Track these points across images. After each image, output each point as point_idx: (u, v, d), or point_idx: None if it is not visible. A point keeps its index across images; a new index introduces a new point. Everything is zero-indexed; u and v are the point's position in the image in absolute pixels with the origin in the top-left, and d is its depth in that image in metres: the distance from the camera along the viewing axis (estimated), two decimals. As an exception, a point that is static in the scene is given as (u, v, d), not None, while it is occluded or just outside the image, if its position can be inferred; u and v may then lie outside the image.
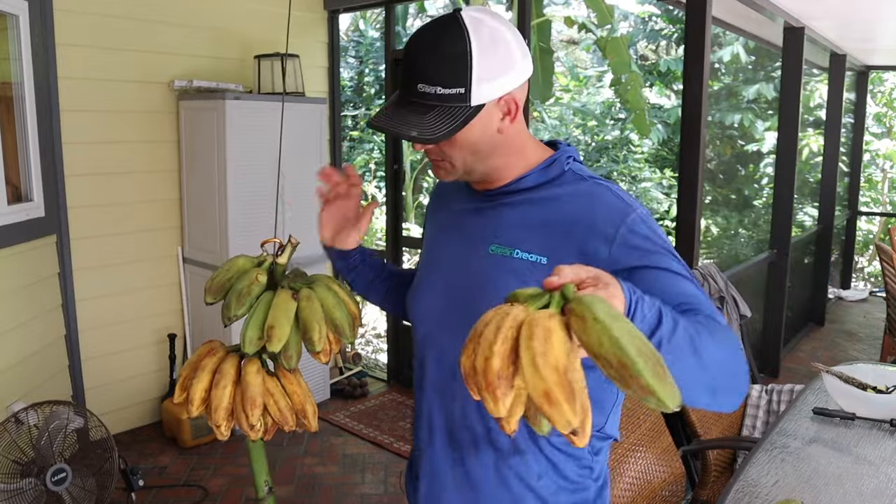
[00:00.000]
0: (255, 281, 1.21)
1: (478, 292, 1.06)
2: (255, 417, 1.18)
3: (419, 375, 1.17)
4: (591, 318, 0.65)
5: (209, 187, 3.39)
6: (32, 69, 2.82)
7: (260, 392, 1.18)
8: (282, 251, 1.24)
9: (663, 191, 8.73)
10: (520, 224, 1.05)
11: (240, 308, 1.20)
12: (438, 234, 1.19)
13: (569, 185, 1.05)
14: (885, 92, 8.30)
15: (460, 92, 0.95)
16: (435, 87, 0.95)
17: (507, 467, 1.07)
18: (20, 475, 2.23)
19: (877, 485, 1.55)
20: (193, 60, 3.55)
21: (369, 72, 8.41)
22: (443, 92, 0.95)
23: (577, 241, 0.99)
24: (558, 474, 1.07)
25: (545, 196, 1.05)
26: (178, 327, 3.65)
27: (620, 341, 0.63)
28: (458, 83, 0.95)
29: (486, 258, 1.06)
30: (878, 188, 8.30)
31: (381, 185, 7.97)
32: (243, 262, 1.26)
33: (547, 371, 0.64)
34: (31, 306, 2.90)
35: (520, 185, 1.06)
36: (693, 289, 0.95)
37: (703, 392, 0.86)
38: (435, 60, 0.95)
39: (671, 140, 8.50)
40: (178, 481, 3.01)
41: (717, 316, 0.94)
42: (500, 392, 0.65)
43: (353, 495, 2.93)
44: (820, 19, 4.17)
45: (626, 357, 0.62)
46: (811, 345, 5.09)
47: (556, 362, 0.64)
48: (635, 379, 0.62)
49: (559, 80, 8.74)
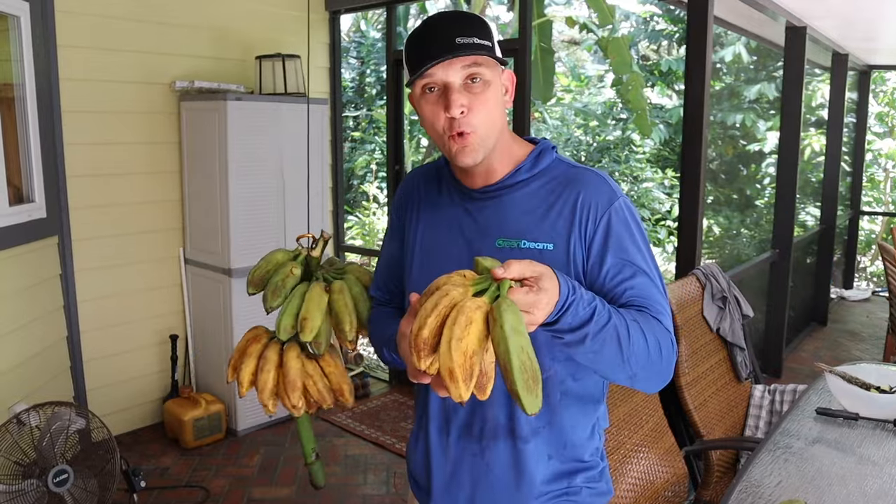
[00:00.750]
0: (289, 274, 1.31)
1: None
2: (295, 398, 1.29)
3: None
4: (499, 326, 0.81)
5: (211, 188, 3.39)
6: (34, 70, 2.82)
7: (299, 375, 1.28)
8: (315, 245, 1.34)
9: (665, 191, 8.73)
10: (522, 215, 1.11)
11: (275, 300, 1.30)
12: (427, 237, 1.21)
13: (561, 174, 1.12)
14: (888, 91, 8.29)
15: (489, 45, 1.06)
16: (472, 38, 1.04)
17: (515, 454, 1.13)
18: (22, 476, 2.23)
19: (881, 485, 1.54)
20: (195, 61, 3.55)
21: (370, 72, 8.42)
22: (479, 42, 1.04)
23: (578, 224, 1.07)
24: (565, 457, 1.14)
25: (541, 187, 1.12)
26: (180, 328, 3.65)
27: (510, 353, 0.80)
28: (488, 37, 1.06)
29: (494, 252, 1.09)
30: (880, 188, 8.28)
31: (383, 185, 7.98)
32: (281, 256, 1.36)
33: (456, 354, 0.82)
34: (33, 307, 2.91)
35: (515, 178, 1.13)
36: (648, 287, 1.06)
37: (623, 377, 1.01)
38: (465, 19, 1.07)
39: (673, 140, 8.50)
40: (180, 482, 3.01)
41: (662, 316, 1.05)
42: (422, 354, 0.86)
43: (355, 496, 2.93)
44: (822, 19, 4.16)
45: (510, 366, 0.80)
46: (814, 345, 5.08)
47: (466, 348, 0.82)
48: (510, 383, 0.81)
49: (560, 81, 8.74)
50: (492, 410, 1.13)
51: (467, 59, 1.04)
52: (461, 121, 1.05)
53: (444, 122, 1.06)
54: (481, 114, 1.06)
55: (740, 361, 2.54)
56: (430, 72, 1.04)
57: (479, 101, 1.06)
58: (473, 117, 1.06)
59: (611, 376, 1.03)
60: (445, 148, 1.09)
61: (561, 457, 1.14)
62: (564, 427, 1.13)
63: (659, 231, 8.55)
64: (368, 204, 7.91)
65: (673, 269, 3.38)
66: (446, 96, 1.05)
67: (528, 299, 0.87)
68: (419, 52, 1.05)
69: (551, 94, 5.93)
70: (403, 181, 1.30)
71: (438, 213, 1.20)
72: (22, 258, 2.80)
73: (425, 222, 1.22)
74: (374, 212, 7.79)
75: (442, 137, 1.08)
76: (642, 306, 1.04)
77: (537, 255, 1.06)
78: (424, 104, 1.08)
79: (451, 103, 1.04)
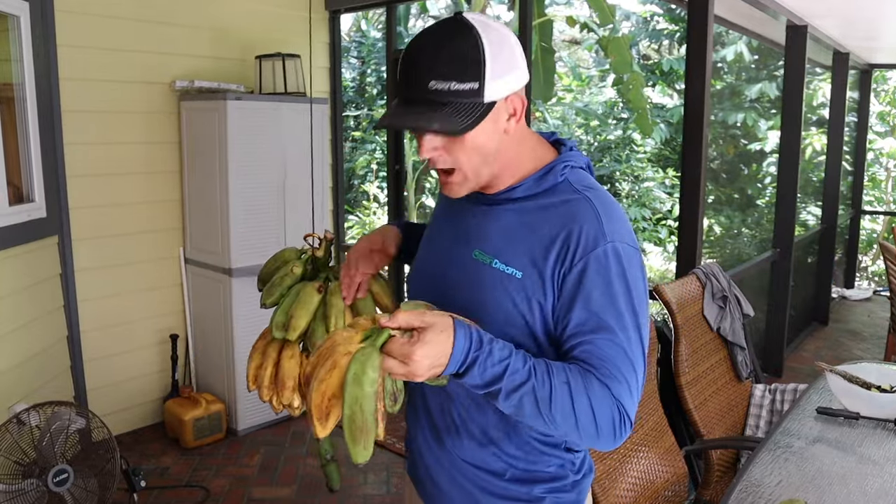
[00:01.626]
0: (289, 272, 1.32)
1: (457, 292, 1.09)
2: (286, 398, 1.29)
3: None
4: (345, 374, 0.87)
5: (211, 188, 3.38)
6: (33, 70, 2.82)
7: (291, 375, 1.28)
8: (320, 245, 1.34)
9: (666, 190, 8.72)
10: (504, 234, 1.05)
11: (269, 297, 1.32)
12: (435, 227, 1.21)
13: (560, 199, 1.04)
14: (889, 90, 8.28)
15: (474, 88, 0.95)
16: (449, 82, 0.94)
17: (484, 452, 1.12)
18: (22, 476, 2.23)
19: (881, 484, 1.54)
20: (195, 61, 3.55)
21: (371, 72, 8.42)
22: (457, 87, 0.95)
23: (556, 260, 0.99)
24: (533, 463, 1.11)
25: (536, 209, 1.04)
26: (180, 328, 3.65)
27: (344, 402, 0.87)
28: (472, 78, 0.95)
29: (469, 262, 1.08)
30: (881, 187, 8.28)
31: (383, 185, 7.98)
32: (289, 254, 1.37)
33: (315, 394, 0.89)
34: (33, 307, 2.91)
35: (512, 194, 1.06)
36: (608, 348, 0.97)
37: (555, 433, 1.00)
38: (447, 57, 0.95)
39: (674, 139, 8.49)
40: (180, 482, 3.01)
41: (613, 382, 0.96)
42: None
43: (355, 496, 2.93)
44: (823, 18, 4.16)
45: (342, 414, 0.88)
46: (815, 344, 5.07)
47: (325, 389, 0.89)
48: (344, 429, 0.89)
49: (561, 80, 8.74)
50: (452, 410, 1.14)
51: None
52: (437, 160, 1.01)
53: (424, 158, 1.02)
54: (459, 154, 1.00)
55: (741, 361, 2.54)
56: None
57: (456, 144, 0.99)
58: (447, 159, 1.01)
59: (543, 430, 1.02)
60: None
61: (520, 464, 1.11)
62: (523, 439, 1.10)
63: (660, 230, 8.55)
64: (369, 204, 7.91)
65: (673, 269, 3.38)
66: (418, 137, 1.01)
67: (403, 350, 0.87)
68: (397, 84, 1.00)
69: (552, 94, 5.92)
70: None
71: (452, 207, 1.17)
72: (22, 258, 2.80)
73: (441, 211, 1.22)
74: (375, 211, 7.79)
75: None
76: (591, 367, 0.96)
77: (504, 279, 1.02)
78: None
79: (420, 147, 1.00)
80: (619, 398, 0.96)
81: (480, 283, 1.05)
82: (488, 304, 1.03)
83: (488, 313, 1.03)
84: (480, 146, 1.00)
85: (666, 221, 8.59)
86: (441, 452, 1.17)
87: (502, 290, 1.02)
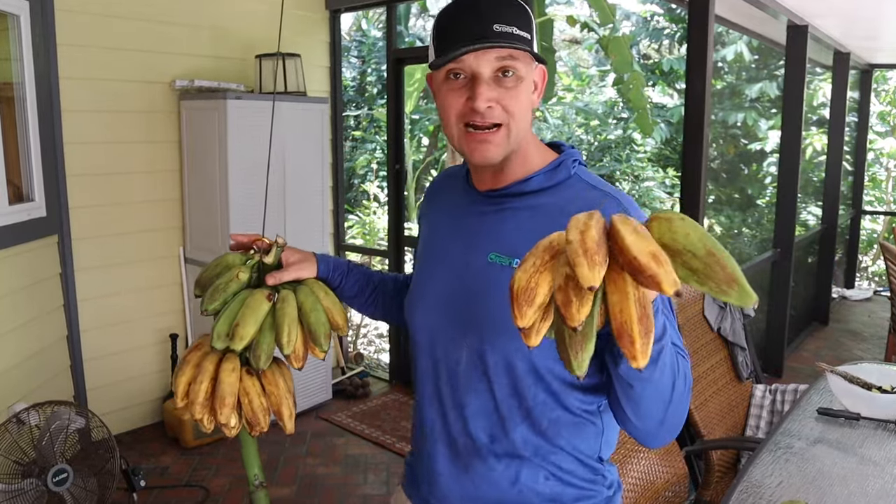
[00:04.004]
0: (234, 278, 1.20)
1: (476, 301, 1.03)
2: (223, 416, 1.17)
3: (420, 384, 1.14)
4: (678, 219, 0.68)
5: (210, 187, 3.38)
6: (33, 69, 2.81)
7: (231, 391, 1.16)
8: (269, 251, 1.22)
9: (666, 190, 8.72)
10: (521, 232, 1.01)
11: (212, 303, 1.20)
12: (434, 236, 1.15)
13: (576, 194, 1.01)
14: (889, 90, 8.28)
15: (528, 38, 0.96)
16: (511, 27, 0.94)
17: (512, 472, 1.04)
18: (21, 476, 2.23)
19: (882, 485, 1.54)
20: (195, 60, 3.54)
21: (371, 71, 8.41)
22: (518, 33, 0.95)
23: None
24: (563, 480, 1.05)
25: (551, 203, 1.01)
26: (180, 327, 3.64)
27: (708, 235, 0.66)
28: (528, 29, 0.96)
29: (485, 267, 1.02)
30: (881, 187, 8.27)
31: (383, 184, 7.97)
32: (232, 259, 1.25)
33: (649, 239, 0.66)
34: (33, 307, 2.90)
35: (524, 187, 1.03)
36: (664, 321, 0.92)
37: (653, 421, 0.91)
38: (506, 4, 0.96)
39: (674, 139, 8.49)
40: (180, 482, 3.01)
41: (682, 349, 0.95)
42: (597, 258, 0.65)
43: (355, 496, 2.93)
44: (824, 17, 4.15)
45: (715, 246, 0.65)
46: (815, 344, 5.07)
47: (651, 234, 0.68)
48: (723, 267, 0.65)
49: (561, 80, 8.73)
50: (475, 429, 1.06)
51: (503, 50, 0.94)
52: (486, 114, 0.96)
53: (464, 111, 0.97)
54: (510, 110, 0.97)
55: (741, 361, 2.53)
56: (460, 58, 0.94)
57: (510, 96, 0.96)
58: (500, 113, 0.97)
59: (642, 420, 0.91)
60: (460, 142, 1.00)
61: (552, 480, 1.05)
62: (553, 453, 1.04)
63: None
64: (369, 203, 7.90)
65: (674, 269, 3.38)
66: (473, 87, 0.96)
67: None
68: (450, 33, 0.95)
69: (552, 94, 5.92)
70: (430, 183, 1.23)
71: (445, 216, 1.13)
72: (22, 257, 2.79)
73: (433, 224, 1.17)
74: (375, 211, 7.79)
75: (457, 129, 0.99)
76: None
77: None
78: (447, 90, 0.98)
79: (477, 95, 0.95)
80: (687, 372, 0.93)
81: (502, 287, 0.97)
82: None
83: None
84: (527, 105, 0.99)
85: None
86: (465, 476, 1.07)
87: None
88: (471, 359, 1.03)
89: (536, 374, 1.00)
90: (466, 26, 0.94)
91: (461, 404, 1.05)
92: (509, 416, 1.02)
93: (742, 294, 0.65)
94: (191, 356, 1.22)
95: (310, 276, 1.22)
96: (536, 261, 0.72)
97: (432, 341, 1.09)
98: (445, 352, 1.07)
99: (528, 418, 1.02)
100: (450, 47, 0.94)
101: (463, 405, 1.05)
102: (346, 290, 1.26)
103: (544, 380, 1.00)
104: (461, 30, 0.94)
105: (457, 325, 1.04)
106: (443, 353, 1.07)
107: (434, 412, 1.10)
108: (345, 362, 4.38)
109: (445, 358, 1.07)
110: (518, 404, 1.02)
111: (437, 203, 1.19)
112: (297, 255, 1.22)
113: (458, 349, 1.05)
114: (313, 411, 3.74)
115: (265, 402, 1.20)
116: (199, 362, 1.20)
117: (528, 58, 0.97)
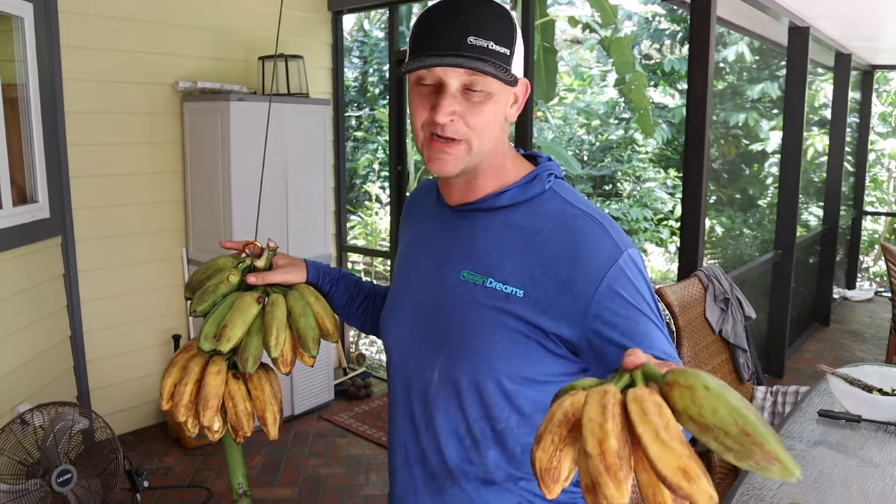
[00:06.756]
0: (224, 280, 1.20)
1: (448, 321, 1.00)
2: (206, 419, 1.15)
3: (392, 405, 1.12)
4: (702, 387, 0.61)
5: (213, 189, 3.39)
6: (37, 71, 2.82)
7: (216, 394, 1.15)
8: (260, 255, 1.22)
9: (667, 190, 8.73)
10: (495, 249, 0.98)
11: (200, 304, 1.19)
12: (409, 251, 1.13)
13: (551, 210, 0.98)
14: (891, 91, 8.28)
15: (506, 53, 0.92)
16: (488, 41, 0.90)
17: (483, 497, 1.02)
18: (25, 476, 2.24)
19: (882, 487, 1.54)
20: (197, 62, 3.55)
21: (373, 72, 8.42)
22: (494, 48, 0.90)
23: (559, 276, 0.92)
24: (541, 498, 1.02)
25: (525, 219, 0.98)
26: (183, 329, 3.65)
27: (739, 408, 0.59)
28: (506, 44, 0.92)
29: (457, 285, 1.00)
30: (883, 188, 8.27)
31: (385, 185, 7.98)
32: (223, 262, 1.25)
33: (675, 444, 0.60)
34: (37, 308, 2.91)
35: (497, 201, 0.99)
36: (665, 345, 0.91)
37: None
38: (487, 15, 0.91)
39: (675, 139, 8.50)
40: (183, 482, 3.02)
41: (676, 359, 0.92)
42: (622, 474, 0.59)
43: (357, 496, 2.93)
44: (825, 19, 4.16)
45: (749, 424, 0.58)
46: (816, 345, 5.07)
47: (679, 435, 0.61)
48: (760, 446, 0.58)
49: (563, 80, 8.73)
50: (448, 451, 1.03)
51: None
52: (447, 126, 0.93)
53: (428, 119, 0.94)
54: (472, 125, 0.93)
55: (742, 363, 2.54)
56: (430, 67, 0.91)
57: (474, 111, 0.93)
58: (462, 128, 0.93)
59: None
60: (423, 148, 0.97)
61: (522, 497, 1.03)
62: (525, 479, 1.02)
63: (661, 231, 8.56)
64: (371, 204, 7.91)
65: (675, 269, 3.38)
66: (437, 97, 0.93)
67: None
68: (423, 38, 0.92)
69: (554, 94, 5.92)
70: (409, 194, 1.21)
71: (419, 229, 1.10)
72: (25, 258, 2.80)
73: (410, 238, 1.13)
74: (377, 212, 7.79)
75: (423, 134, 0.96)
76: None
77: (503, 298, 0.95)
78: (416, 94, 0.96)
79: (439, 107, 0.92)
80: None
81: (475, 305, 0.97)
82: (489, 328, 0.96)
83: (489, 338, 0.96)
84: (494, 122, 0.95)
85: (667, 222, 8.59)
86: (438, 498, 1.05)
87: (503, 311, 0.95)
88: (442, 379, 1.01)
89: (506, 396, 0.97)
90: (441, 35, 0.91)
91: (434, 426, 1.03)
92: (482, 438, 1.00)
93: (784, 470, 0.58)
94: (178, 358, 1.21)
95: (298, 280, 1.21)
96: (555, 437, 0.66)
97: (405, 359, 1.08)
98: (419, 370, 1.05)
99: (499, 442, 1.00)
100: (421, 54, 0.91)
101: (436, 427, 1.03)
102: (335, 298, 1.25)
103: (514, 402, 0.98)
104: (435, 37, 0.91)
105: (429, 343, 1.03)
106: (416, 372, 1.05)
107: (407, 434, 1.08)
108: (347, 363, 4.39)
109: (419, 377, 1.05)
110: (490, 426, 1.00)
111: (414, 216, 1.16)
112: (286, 259, 1.22)
113: (430, 369, 1.03)
114: (315, 412, 3.75)
115: (249, 407, 1.19)
116: (186, 364, 1.19)
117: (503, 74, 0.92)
